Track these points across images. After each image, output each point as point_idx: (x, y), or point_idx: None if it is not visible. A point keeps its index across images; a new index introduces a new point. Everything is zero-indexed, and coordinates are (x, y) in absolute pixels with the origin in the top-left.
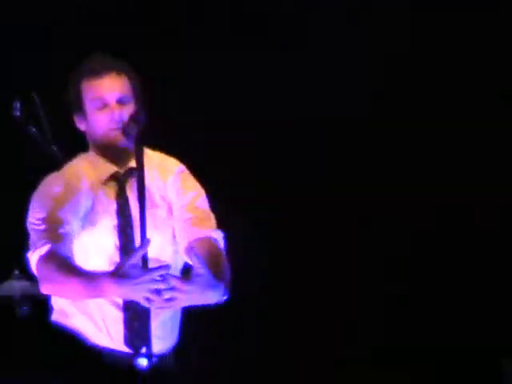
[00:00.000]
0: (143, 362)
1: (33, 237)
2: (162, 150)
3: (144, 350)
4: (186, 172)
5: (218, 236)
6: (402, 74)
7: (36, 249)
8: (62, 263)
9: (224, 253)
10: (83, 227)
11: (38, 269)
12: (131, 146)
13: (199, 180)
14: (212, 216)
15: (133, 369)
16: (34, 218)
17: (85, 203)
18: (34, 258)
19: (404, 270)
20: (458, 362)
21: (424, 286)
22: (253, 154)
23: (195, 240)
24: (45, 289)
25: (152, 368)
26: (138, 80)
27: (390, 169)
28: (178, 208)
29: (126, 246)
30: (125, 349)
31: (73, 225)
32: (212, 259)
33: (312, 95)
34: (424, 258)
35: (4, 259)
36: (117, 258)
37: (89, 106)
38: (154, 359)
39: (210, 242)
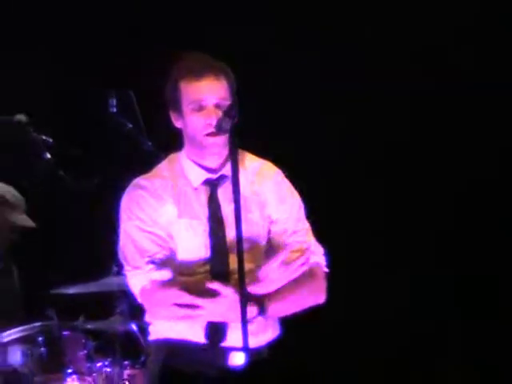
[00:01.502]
0: (239, 356)
1: (128, 248)
2: (257, 153)
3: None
4: (283, 177)
5: (317, 260)
6: None
7: (138, 270)
8: (167, 291)
9: (316, 274)
10: (174, 230)
11: (147, 294)
12: (226, 147)
13: (293, 182)
14: (308, 228)
15: (229, 364)
16: (131, 226)
17: (174, 208)
18: (138, 281)
19: None
20: None
21: None
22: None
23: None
24: (157, 315)
25: (248, 363)
26: (234, 80)
27: None
28: (276, 218)
29: (217, 248)
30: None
31: (167, 229)
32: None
33: None
34: None
35: (103, 256)
36: (207, 259)
37: (186, 106)
38: (251, 354)
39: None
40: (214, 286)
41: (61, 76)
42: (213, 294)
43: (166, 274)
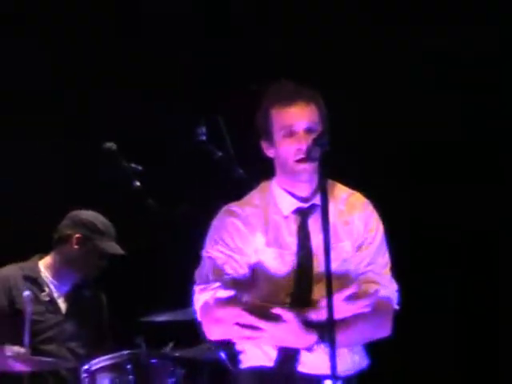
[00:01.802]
0: None
1: (206, 268)
2: (347, 185)
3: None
4: (372, 208)
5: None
6: None
7: (207, 286)
8: (230, 310)
9: (383, 308)
10: (261, 258)
11: (208, 310)
12: (316, 176)
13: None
14: (387, 262)
15: None
16: (212, 249)
17: (263, 236)
18: (203, 296)
19: None
20: None
21: None
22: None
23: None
24: (215, 333)
25: None
26: (324, 107)
27: None
28: (359, 245)
29: (302, 279)
30: (315, 371)
31: (249, 258)
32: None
33: None
34: None
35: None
36: (290, 288)
37: (277, 133)
38: (340, 382)
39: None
40: (277, 310)
41: (150, 103)
42: (275, 318)
43: (231, 294)
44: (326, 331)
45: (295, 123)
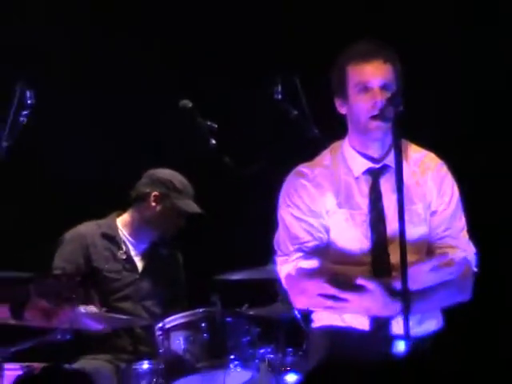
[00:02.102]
0: (401, 344)
1: (282, 235)
2: (421, 145)
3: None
4: (446, 170)
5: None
6: None
7: (288, 257)
8: (313, 281)
9: (464, 272)
10: (333, 220)
11: (292, 282)
12: (389, 136)
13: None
14: (464, 225)
15: (391, 351)
16: (287, 213)
17: (334, 197)
18: (285, 268)
19: None
20: None
21: None
22: None
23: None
24: (301, 303)
25: (409, 352)
26: (400, 69)
27: None
28: (434, 210)
29: (377, 240)
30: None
31: (323, 219)
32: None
33: None
34: None
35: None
36: (366, 249)
37: (352, 89)
38: (413, 342)
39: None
40: (361, 281)
41: (227, 63)
42: (359, 288)
43: (313, 263)
44: (411, 298)
45: (371, 79)
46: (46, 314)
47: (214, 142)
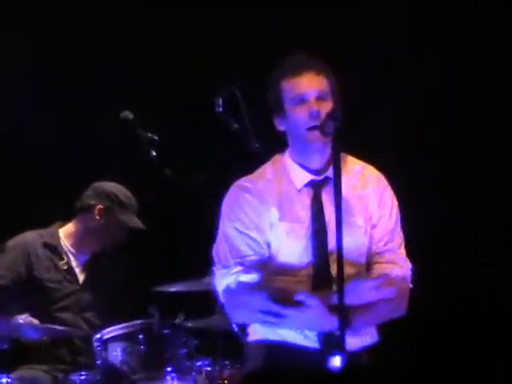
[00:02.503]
0: (337, 359)
1: (223, 248)
2: (360, 157)
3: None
4: (386, 183)
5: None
6: None
7: (228, 270)
8: (254, 296)
9: (401, 290)
10: (275, 233)
11: (231, 295)
12: (329, 148)
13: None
14: (402, 240)
15: (327, 366)
16: (230, 227)
17: (276, 211)
18: (225, 281)
19: None
20: None
21: None
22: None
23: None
24: (239, 317)
25: (346, 365)
26: (334, 80)
27: None
28: (375, 223)
29: (318, 252)
30: (317, 345)
31: (265, 233)
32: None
33: None
34: None
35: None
36: (308, 262)
37: (288, 103)
38: (348, 356)
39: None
40: (301, 296)
41: (168, 74)
42: (299, 303)
43: (253, 278)
44: (350, 313)
45: (305, 91)
46: None
47: (154, 153)
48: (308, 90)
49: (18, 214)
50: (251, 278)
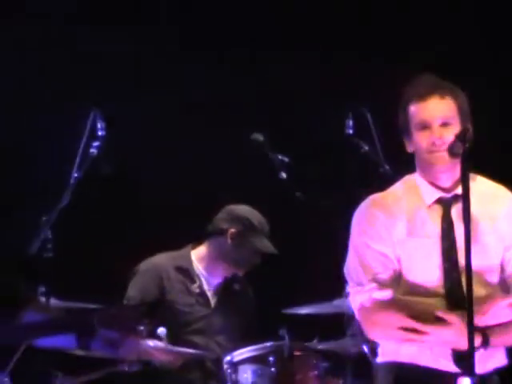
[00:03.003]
0: (466, 381)
1: (354, 265)
2: (492, 178)
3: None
4: None
5: None
6: None
7: (361, 288)
8: (392, 314)
9: None
10: (404, 249)
11: (367, 313)
12: (458, 167)
13: None
14: None
15: None
16: (360, 243)
17: (405, 227)
18: (359, 298)
19: None
20: None
21: None
22: None
23: None
24: (375, 334)
25: None
26: (464, 100)
27: None
28: (508, 244)
29: (449, 269)
30: (450, 368)
31: (395, 248)
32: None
33: None
34: None
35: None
36: (439, 279)
37: (413, 128)
38: (477, 379)
39: None
40: (440, 313)
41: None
42: (439, 320)
43: (387, 294)
44: (489, 335)
45: (429, 118)
46: (112, 344)
47: (284, 175)
48: (430, 117)
49: (148, 237)
50: (385, 294)
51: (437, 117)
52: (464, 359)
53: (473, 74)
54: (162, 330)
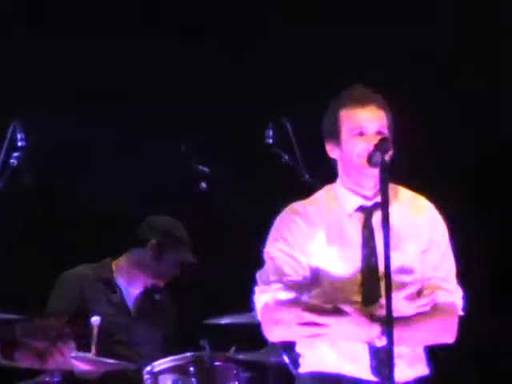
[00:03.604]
0: None
1: (268, 269)
2: (411, 188)
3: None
4: (436, 213)
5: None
6: None
7: (267, 287)
8: (291, 311)
9: (448, 315)
10: (323, 257)
11: (268, 312)
12: (377, 176)
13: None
14: (452, 266)
15: None
16: (273, 248)
17: (325, 235)
18: (263, 297)
19: None
20: None
21: None
22: None
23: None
24: (275, 334)
25: None
26: (391, 115)
27: None
28: (425, 249)
29: (368, 276)
30: (370, 377)
31: (312, 257)
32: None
33: None
34: None
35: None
36: (358, 286)
37: (346, 134)
38: None
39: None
40: (339, 305)
41: (219, 105)
42: (337, 312)
43: (291, 296)
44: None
45: (367, 124)
46: (38, 354)
47: (205, 185)
48: (368, 124)
49: (68, 248)
50: (289, 295)
51: (374, 124)
52: (381, 359)
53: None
54: (95, 319)
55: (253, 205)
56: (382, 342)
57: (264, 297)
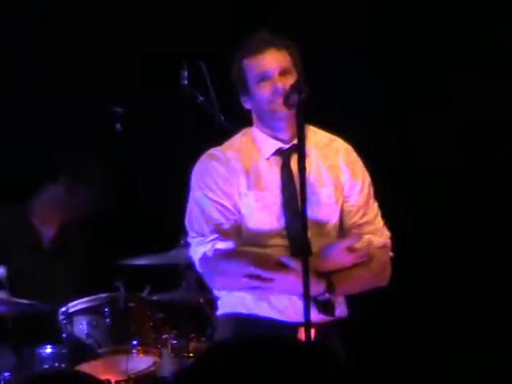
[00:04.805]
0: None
1: (196, 217)
2: (327, 130)
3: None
4: (355, 154)
5: (382, 242)
6: None
7: (203, 238)
8: (237, 262)
9: (382, 258)
10: (245, 201)
11: (210, 263)
12: (294, 117)
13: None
14: (377, 209)
15: (295, 338)
16: (201, 195)
17: (246, 180)
18: (201, 249)
19: None
20: None
21: None
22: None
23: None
24: (219, 284)
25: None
26: (298, 53)
27: None
28: (348, 195)
29: (290, 218)
30: (290, 319)
31: (235, 201)
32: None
33: None
34: None
35: (172, 228)
36: (281, 230)
37: (252, 82)
38: (319, 329)
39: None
40: (283, 259)
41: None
42: (283, 266)
43: (229, 245)
44: (333, 280)
45: (268, 68)
46: None
47: (119, 126)
48: (270, 67)
49: None
50: (227, 244)
51: (275, 66)
52: (325, 305)
53: None
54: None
55: (168, 145)
56: (324, 297)
57: (202, 248)
